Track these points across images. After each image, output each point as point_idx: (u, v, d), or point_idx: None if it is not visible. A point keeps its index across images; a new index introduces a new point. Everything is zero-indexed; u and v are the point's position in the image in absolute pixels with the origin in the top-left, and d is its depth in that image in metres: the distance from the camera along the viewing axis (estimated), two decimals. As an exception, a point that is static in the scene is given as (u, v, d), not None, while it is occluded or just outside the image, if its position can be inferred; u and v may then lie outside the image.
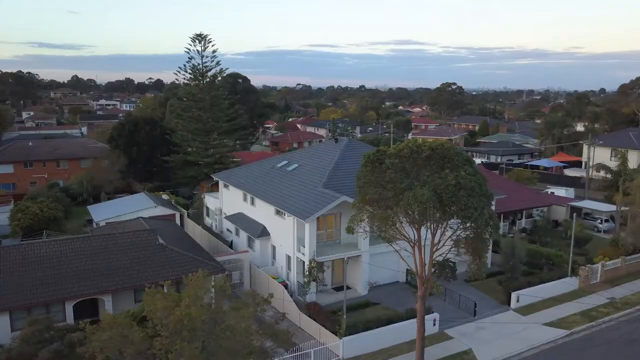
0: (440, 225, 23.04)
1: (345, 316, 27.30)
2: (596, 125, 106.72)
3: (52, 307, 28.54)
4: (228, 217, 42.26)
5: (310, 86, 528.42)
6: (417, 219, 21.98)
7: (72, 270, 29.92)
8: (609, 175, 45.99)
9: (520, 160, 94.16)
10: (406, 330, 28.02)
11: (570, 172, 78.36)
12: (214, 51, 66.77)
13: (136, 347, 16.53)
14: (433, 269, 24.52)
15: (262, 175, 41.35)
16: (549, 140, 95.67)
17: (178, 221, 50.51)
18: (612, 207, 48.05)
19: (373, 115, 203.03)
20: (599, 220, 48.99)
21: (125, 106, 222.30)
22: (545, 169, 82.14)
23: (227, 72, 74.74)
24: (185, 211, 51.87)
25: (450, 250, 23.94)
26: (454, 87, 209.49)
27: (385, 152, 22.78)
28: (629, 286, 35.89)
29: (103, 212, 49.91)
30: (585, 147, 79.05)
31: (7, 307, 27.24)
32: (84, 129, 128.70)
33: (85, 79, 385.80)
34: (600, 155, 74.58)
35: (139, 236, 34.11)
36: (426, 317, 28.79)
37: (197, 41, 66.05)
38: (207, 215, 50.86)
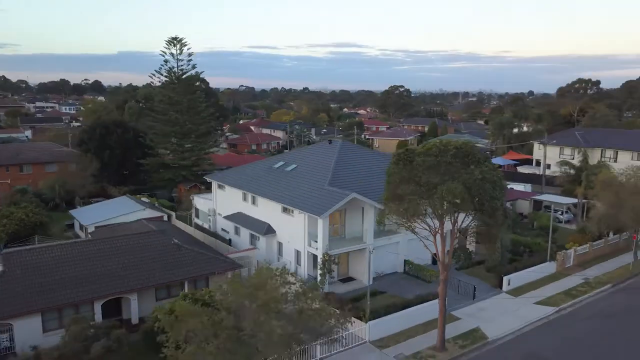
0: (460, 216, 25.93)
1: (369, 302, 29.67)
2: (539, 126, 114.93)
3: (82, 307, 29.11)
4: (227, 217, 43.49)
5: (253, 88, 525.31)
6: (446, 210, 24.72)
7: (99, 271, 30.50)
8: (572, 171, 51.13)
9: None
10: (419, 313, 30.81)
11: (523, 170, 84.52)
12: (189, 54, 67.26)
13: (229, 330, 18.12)
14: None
15: (261, 176, 42.98)
16: (499, 140, 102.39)
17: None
18: (571, 200, 53.27)
19: (324, 118, 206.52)
20: (559, 212, 54.08)
21: (66, 108, 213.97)
22: (500, 166, 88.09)
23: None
24: (172, 213, 52.42)
25: (466, 239, 26.89)
26: (401, 89, 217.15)
27: (414, 151, 25.39)
28: (598, 268, 40.54)
29: (90, 217, 49.71)
30: (535, 146, 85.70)
31: (39, 309, 27.62)
32: (28, 133, 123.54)
33: (13, 80, 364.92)
34: (549, 153, 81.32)
35: (155, 237, 34.97)
36: (433, 301, 31.85)
37: (172, 44, 66.30)
38: (197, 216, 51.64)
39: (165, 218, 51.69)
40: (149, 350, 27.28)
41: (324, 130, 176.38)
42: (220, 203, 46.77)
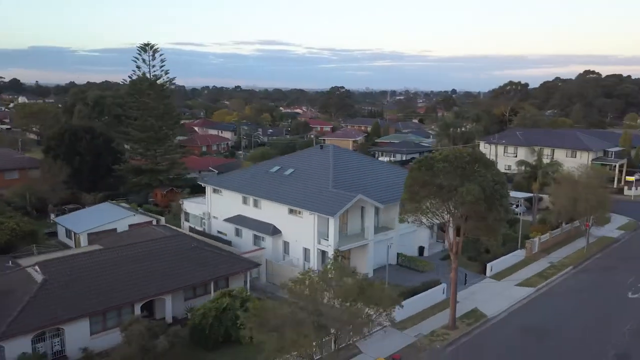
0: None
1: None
2: (478, 126, 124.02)
3: (123, 310, 30.79)
4: (228, 219, 45.75)
5: (184, 86, 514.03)
6: (462, 208, 29.02)
7: (134, 275, 32.20)
8: (528, 169, 57.75)
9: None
10: (428, 298, 35.13)
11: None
12: (162, 60, 67.89)
13: (309, 317, 21.31)
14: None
15: (260, 180, 45.64)
16: (445, 139, 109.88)
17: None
18: (525, 194, 59.98)
19: (268, 118, 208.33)
20: (514, 205, 60.67)
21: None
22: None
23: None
24: (162, 217, 53.64)
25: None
26: (342, 90, 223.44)
27: (433, 158, 29.49)
28: (559, 252, 46.85)
29: (80, 224, 50.07)
30: (482, 145, 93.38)
31: (88, 313, 29.10)
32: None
33: None
34: (494, 151, 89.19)
35: (176, 240, 36.90)
36: (437, 287, 36.31)
37: (144, 51, 66.68)
38: (187, 219, 53.25)
39: (155, 222, 53.05)
40: (197, 344, 29.70)
41: (270, 130, 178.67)
42: (215, 206, 48.84)
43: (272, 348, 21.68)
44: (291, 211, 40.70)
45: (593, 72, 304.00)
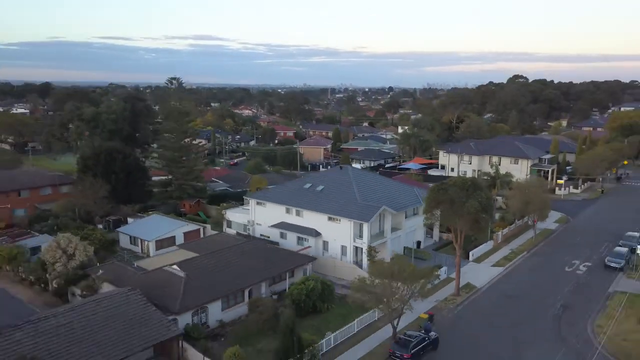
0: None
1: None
2: (431, 134, 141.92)
3: (237, 294, 44.01)
4: (274, 225, 59.18)
5: (125, 85, 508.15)
6: (467, 216, 44.48)
7: (241, 269, 45.48)
8: (488, 178, 74.58)
9: (390, 164, 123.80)
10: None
11: (433, 172, 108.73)
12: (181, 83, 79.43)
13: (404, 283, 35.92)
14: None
15: (298, 195, 59.39)
16: (407, 147, 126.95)
17: (201, 233, 65.09)
18: (485, 197, 77.05)
19: (230, 123, 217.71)
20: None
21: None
22: (419, 170, 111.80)
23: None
24: (207, 225, 66.21)
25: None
26: (298, 91, 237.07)
27: (447, 184, 44.79)
28: (516, 242, 63.92)
29: (147, 233, 61.77)
30: (441, 154, 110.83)
31: (221, 296, 42.21)
32: None
33: None
34: (452, 159, 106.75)
35: (253, 244, 50.42)
36: (441, 269, 51.83)
37: (171, 82, 78.09)
38: (229, 226, 66.04)
39: (202, 229, 65.63)
40: (297, 314, 43.48)
41: (238, 136, 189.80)
42: (258, 215, 62.10)
43: (371, 305, 36.29)
44: (330, 218, 54.91)
45: (521, 77, 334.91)
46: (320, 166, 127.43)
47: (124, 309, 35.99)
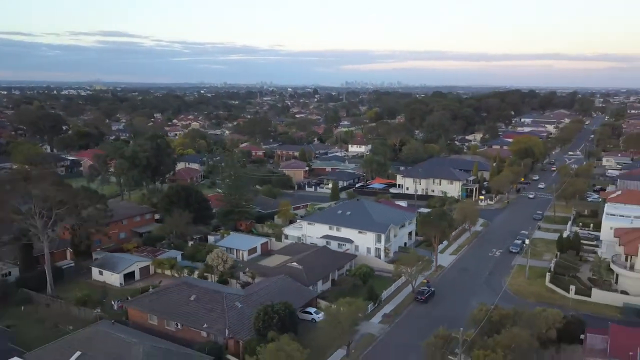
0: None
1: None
2: (382, 158, 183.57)
3: (326, 276, 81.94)
4: (322, 237, 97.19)
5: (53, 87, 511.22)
6: (440, 228, 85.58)
7: (324, 262, 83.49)
8: (439, 198, 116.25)
9: (360, 184, 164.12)
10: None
11: (393, 190, 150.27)
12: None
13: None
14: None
15: (335, 217, 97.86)
16: (369, 169, 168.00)
17: (269, 245, 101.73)
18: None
19: (204, 144, 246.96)
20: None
21: None
22: (384, 189, 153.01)
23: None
24: (272, 238, 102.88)
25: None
26: (261, 114, 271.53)
27: (431, 213, 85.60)
28: (459, 240, 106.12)
29: (239, 245, 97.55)
30: (399, 177, 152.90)
31: (321, 277, 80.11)
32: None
33: None
34: (407, 181, 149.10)
35: (320, 248, 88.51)
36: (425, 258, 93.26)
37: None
38: (286, 238, 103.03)
39: (270, 241, 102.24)
40: (353, 293, 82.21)
41: (217, 157, 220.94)
42: (309, 231, 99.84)
43: (403, 275, 76.32)
44: (360, 232, 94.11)
45: (440, 94, 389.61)
46: (306, 186, 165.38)
47: (287, 284, 73.13)
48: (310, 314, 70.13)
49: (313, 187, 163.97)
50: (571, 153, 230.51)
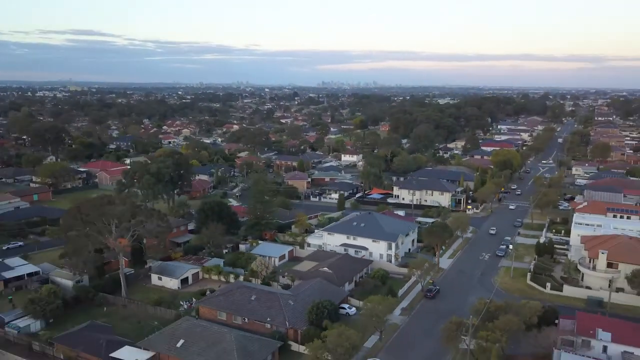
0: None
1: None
2: (377, 170, 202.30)
3: (351, 278, 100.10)
4: (340, 245, 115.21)
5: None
6: (443, 237, 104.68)
7: (351, 266, 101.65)
8: (435, 209, 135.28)
9: (359, 194, 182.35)
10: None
11: (391, 200, 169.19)
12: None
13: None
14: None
15: (351, 228, 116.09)
16: (366, 181, 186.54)
17: (294, 252, 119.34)
18: (431, 219, 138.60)
19: (205, 155, 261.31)
20: (435, 221, 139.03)
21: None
22: (377, 199, 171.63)
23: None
24: (297, 246, 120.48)
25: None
26: (247, 119, 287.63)
27: (433, 226, 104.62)
28: (454, 246, 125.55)
29: (271, 252, 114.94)
30: (395, 187, 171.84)
31: (348, 279, 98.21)
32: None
33: None
34: (403, 192, 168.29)
35: (343, 254, 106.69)
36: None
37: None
38: (308, 246, 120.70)
39: (294, 249, 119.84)
40: (372, 291, 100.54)
41: (222, 167, 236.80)
42: (328, 240, 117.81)
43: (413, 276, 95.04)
44: (374, 240, 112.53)
45: (424, 104, 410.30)
46: (310, 196, 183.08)
47: (324, 285, 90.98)
48: (344, 309, 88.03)
49: (317, 197, 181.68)
50: (544, 162, 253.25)
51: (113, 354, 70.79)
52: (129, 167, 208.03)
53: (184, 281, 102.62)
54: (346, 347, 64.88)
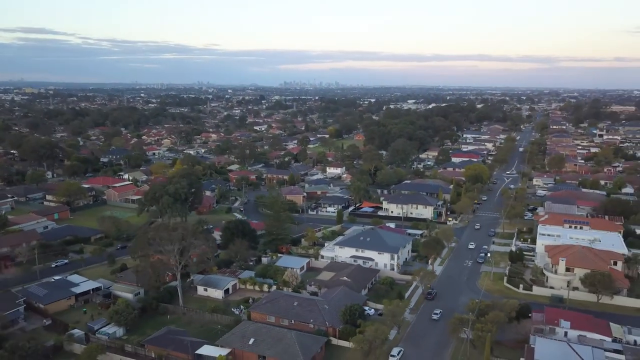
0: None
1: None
2: (363, 184, 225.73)
3: (365, 285, 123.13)
4: (350, 257, 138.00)
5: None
6: (437, 250, 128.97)
7: (362, 276, 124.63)
8: (422, 223, 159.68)
9: (352, 208, 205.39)
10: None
11: (381, 213, 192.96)
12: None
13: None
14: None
15: (359, 242, 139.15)
16: (357, 196, 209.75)
17: (310, 264, 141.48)
18: (420, 231, 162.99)
19: (200, 169, 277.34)
20: (422, 232, 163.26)
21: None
22: (372, 212, 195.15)
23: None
24: (313, 258, 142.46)
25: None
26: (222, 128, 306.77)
27: (428, 238, 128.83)
28: (443, 253, 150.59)
29: (291, 264, 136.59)
30: (384, 203, 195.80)
31: (363, 287, 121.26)
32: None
33: None
34: (391, 205, 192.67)
35: (355, 265, 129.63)
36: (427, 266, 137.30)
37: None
38: (322, 258, 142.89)
39: (309, 261, 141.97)
40: (384, 296, 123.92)
41: (220, 183, 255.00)
42: (339, 253, 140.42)
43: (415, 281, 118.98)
44: (379, 252, 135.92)
45: (393, 116, 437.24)
46: (308, 210, 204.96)
47: (347, 292, 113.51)
48: (366, 310, 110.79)
49: (314, 210, 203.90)
50: (508, 172, 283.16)
51: (198, 351, 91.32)
52: (129, 182, 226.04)
53: (226, 291, 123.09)
54: (382, 339, 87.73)
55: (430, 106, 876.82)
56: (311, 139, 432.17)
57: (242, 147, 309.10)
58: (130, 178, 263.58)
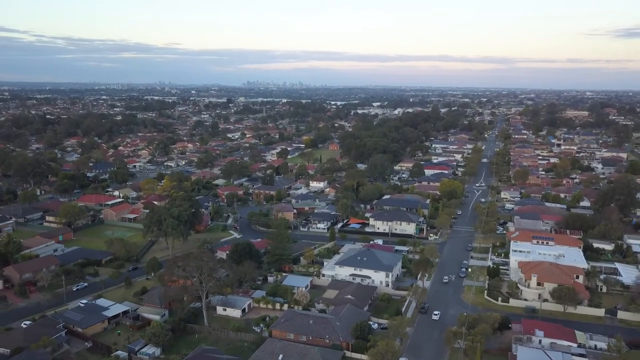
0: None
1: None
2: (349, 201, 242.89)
3: (365, 302, 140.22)
4: (349, 275, 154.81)
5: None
6: (425, 267, 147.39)
7: (362, 293, 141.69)
8: (409, 239, 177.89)
9: (340, 224, 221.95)
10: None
11: (368, 229, 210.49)
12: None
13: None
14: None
15: (357, 261, 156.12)
16: (344, 213, 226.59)
17: (313, 282, 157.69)
18: (408, 247, 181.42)
19: (188, 185, 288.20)
20: (409, 249, 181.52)
21: None
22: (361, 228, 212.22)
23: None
24: (315, 276, 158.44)
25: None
26: (197, 135, 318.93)
27: (419, 257, 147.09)
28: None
29: (296, 283, 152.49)
30: (371, 220, 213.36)
31: (364, 304, 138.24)
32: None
33: None
34: (377, 222, 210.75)
35: (356, 284, 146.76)
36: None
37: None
38: (323, 276, 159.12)
39: (312, 279, 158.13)
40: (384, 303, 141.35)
41: (211, 200, 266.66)
42: (339, 271, 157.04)
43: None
44: (375, 270, 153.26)
45: (365, 127, 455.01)
46: (300, 226, 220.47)
47: (353, 309, 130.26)
48: (370, 324, 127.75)
49: (305, 227, 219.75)
50: (477, 185, 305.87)
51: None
52: (121, 200, 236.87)
53: (243, 311, 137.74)
54: (393, 352, 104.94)
55: (396, 111, 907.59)
56: (288, 149, 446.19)
57: (229, 164, 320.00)
58: (121, 195, 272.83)
